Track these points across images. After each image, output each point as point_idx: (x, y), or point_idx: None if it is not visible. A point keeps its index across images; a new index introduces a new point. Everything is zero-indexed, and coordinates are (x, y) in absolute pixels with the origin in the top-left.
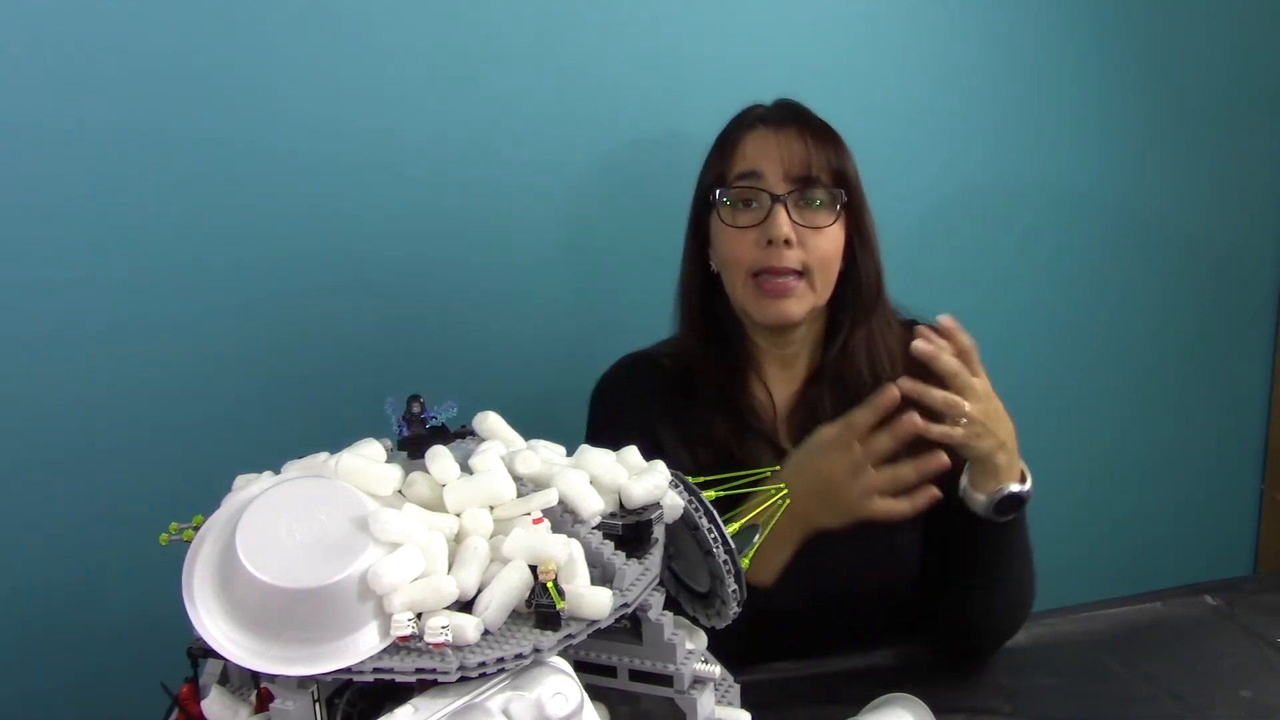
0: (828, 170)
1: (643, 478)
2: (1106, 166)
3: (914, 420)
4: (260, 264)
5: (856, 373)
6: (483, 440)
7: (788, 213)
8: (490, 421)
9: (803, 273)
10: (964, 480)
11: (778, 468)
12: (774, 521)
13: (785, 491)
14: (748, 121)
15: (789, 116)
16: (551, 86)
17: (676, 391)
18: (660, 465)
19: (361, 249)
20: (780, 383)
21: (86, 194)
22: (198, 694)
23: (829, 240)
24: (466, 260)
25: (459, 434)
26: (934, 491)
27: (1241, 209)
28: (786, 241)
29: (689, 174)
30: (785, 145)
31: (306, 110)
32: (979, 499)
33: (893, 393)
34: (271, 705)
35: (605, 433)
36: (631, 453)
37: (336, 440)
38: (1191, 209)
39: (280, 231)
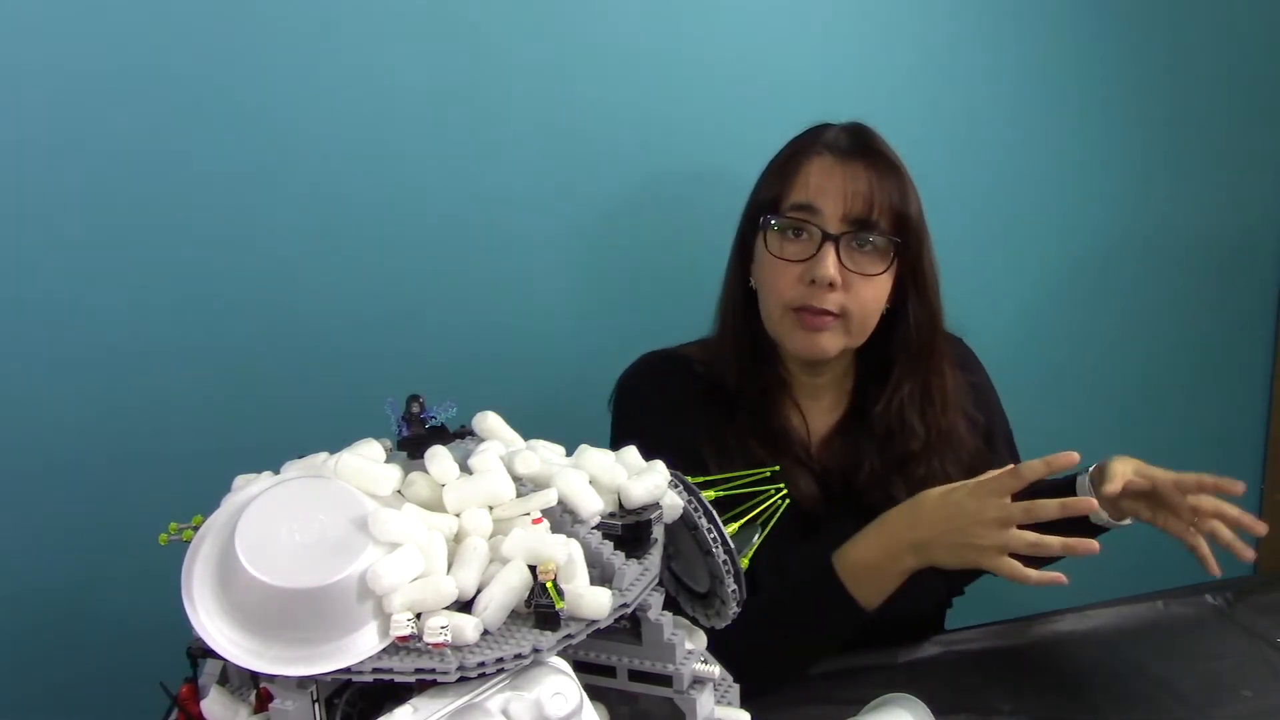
0: (889, 214)
1: (642, 478)
2: (1110, 168)
3: (1093, 504)
4: (261, 265)
5: (909, 428)
6: (482, 440)
7: (837, 254)
8: (489, 421)
9: (840, 315)
10: (1090, 491)
11: (777, 468)
12: (773, 522)
13: (784, 492)
14: (815, 146)
15: (858, 149)
16: (557, 91)
17: (711, 400)
18: (659, 465)
19: (363, 250)
20: (813, 411)
21: (87, 198)
22: (197, 694)
23: (874, 288)
24: (468, 261)
25: (458, 434)
26: (1061, 577)
27: (1244, 211)
28: (831, 284)
29: (695, 179)
30: (849, 181)
31: (310, 114)
32: (1104, 515)
33: (1072, 457)
34: (271, 705)
35: (639, 436)
36: (631, 453)
37: (336, 440)
38: (1193, 211)
39: (281, 233)
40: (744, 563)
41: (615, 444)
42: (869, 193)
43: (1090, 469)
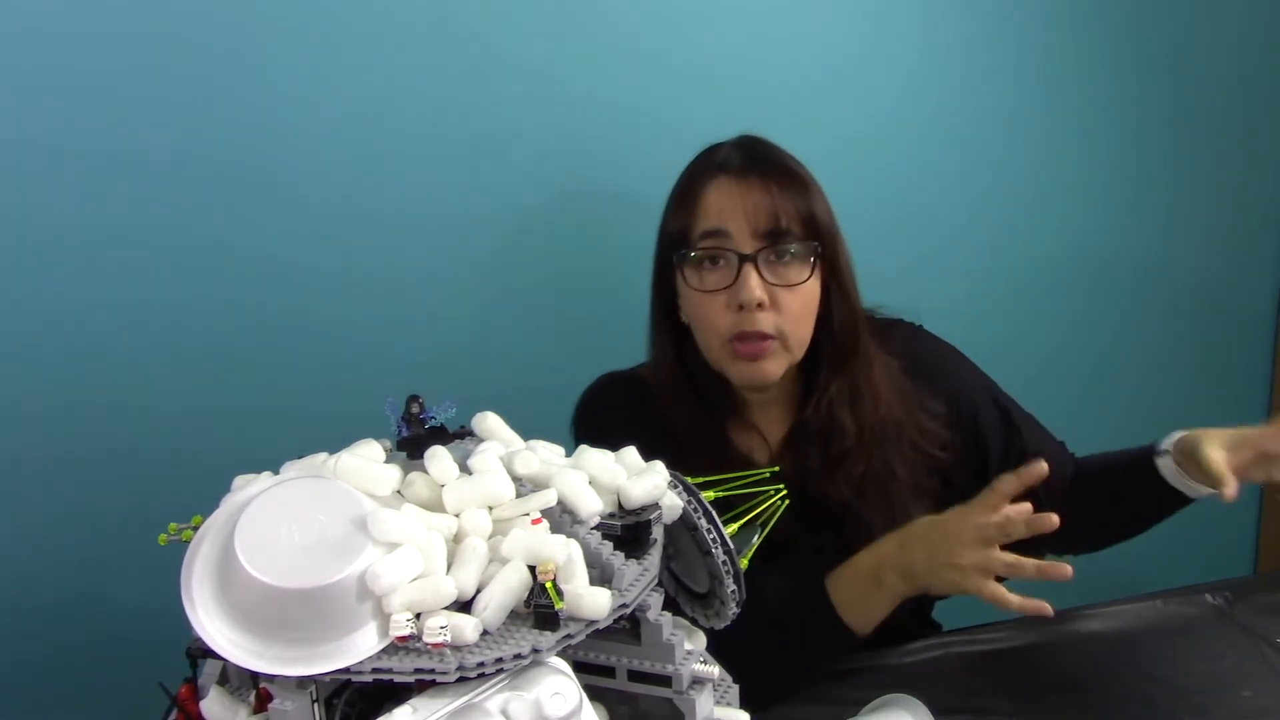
0: (798, 220)
1: (641, 478)
2: (1112, 170)
3: (1053, 520)
4: (260, 266)
5: (841, 426)
6: (481, 440)
7: (758, 272)
8: (489, 422)
9: (776, 335)
10: (1180, 474)
11: (776, 468)
12: (773, 522)
13: (784, 492)
14: (709, 170)
15: (751, 163)
16: (558, 94)
17: (666, 432)
18: (659, 465)
19: (363, 250)
20: (769, 427)
21: (87, 197)
22: (197, 694)
23: (803, 298)
24: (466, 260)
25: (458, 434)
26: (1044, 606)
27: (1245, 212)
28: (759, 304)
29: None
30: (750, 197)
31: (306, 118)
32: (1202, 490)
33: (1041, 468)
34: (270, 705)
35: None
36: (630, 453)
37: (336, 440)
38: (1195, 212)
39: (280, 234)
40: (744, 563)
41: None
42: (772, 204)
43: (1170, 447)
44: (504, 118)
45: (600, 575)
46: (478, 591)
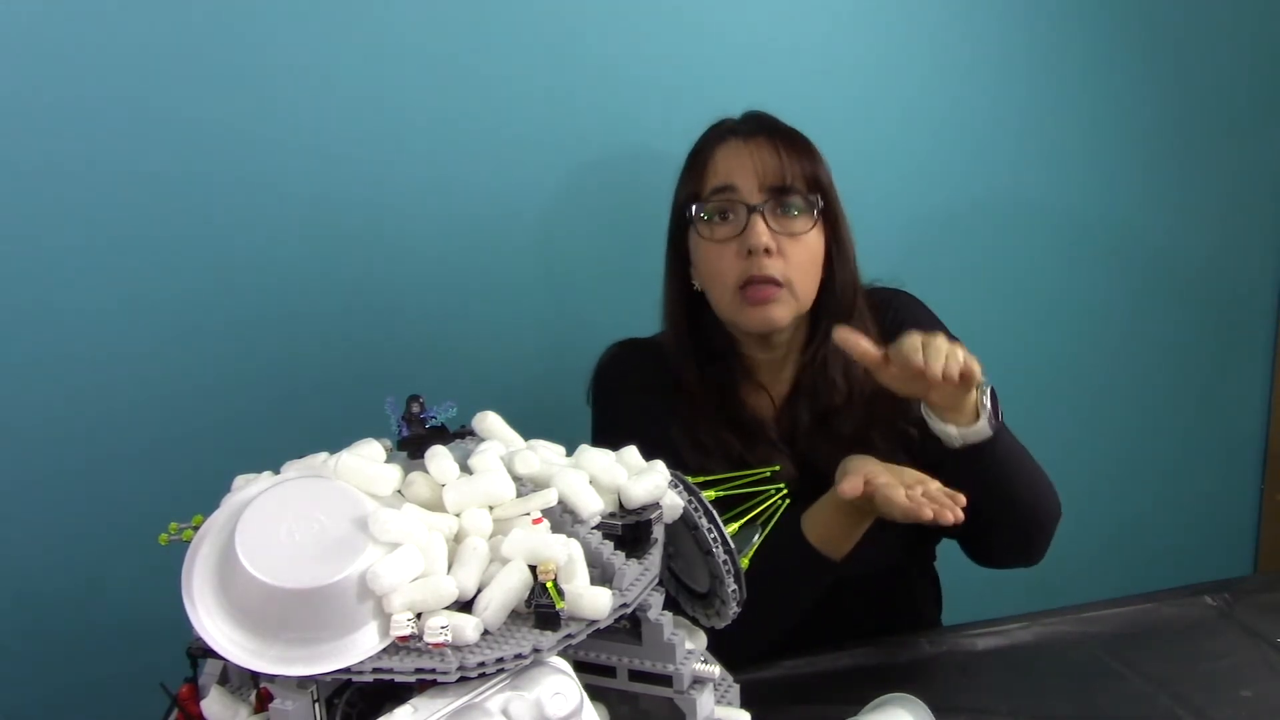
0: (802, 178)
1: (642, 478)
2: (1116, 173)
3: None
4: (260, 267)
5: (831, 382)
6: (482, 440)
7: (765, 221)
8: (490, 421)
9: (784, 283)
10: (944, 428)
11: (778, 467)
12: (773, 522)
13: (785, 491)
14: (718, 135)
15: (758, 127)
16: (554, 94)
17: (680, 393)
18: (660, 465)
19: (360, 249)
20: (779, 390)
21: (89, 199)
22: (197, 694)
23: (808, 248)
24: (466, 259)
25: (458, 434)
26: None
27: (1245, 212)
28: (766, 250)
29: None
30: (757, 155)
31: (306, 117)
32: (978, 428)
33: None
34: (271, 705)
35: (616, 425)
36: (631, 453)
37: (336, 440)
38: (1197, 213)
39: (279, 236)
40: (744, 563)
41: (595, 433)
42: (779, 162)
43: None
44: (506, 118)
45: (601, 575)
46: (478, 591)
